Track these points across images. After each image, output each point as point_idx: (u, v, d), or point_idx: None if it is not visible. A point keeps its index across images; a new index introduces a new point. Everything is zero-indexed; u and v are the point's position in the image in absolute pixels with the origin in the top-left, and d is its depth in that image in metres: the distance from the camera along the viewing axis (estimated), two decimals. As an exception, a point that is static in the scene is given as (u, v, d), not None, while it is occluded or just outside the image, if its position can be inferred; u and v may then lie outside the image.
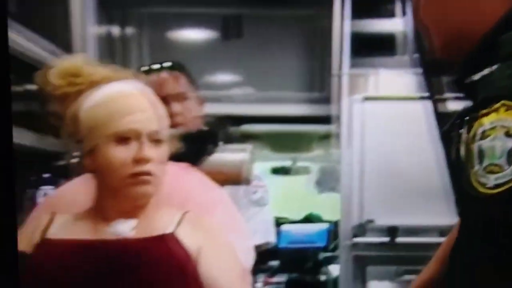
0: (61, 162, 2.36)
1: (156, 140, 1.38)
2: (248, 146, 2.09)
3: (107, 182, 1.39)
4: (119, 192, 1.38)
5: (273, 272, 4.11)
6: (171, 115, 2.18)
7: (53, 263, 1.35)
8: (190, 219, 1.42)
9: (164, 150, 1.40)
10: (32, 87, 2.40)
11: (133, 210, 1.39)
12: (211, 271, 1.37)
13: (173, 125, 2.01)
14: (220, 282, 1.37)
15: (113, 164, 1.35)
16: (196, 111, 2.26)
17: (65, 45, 2.65)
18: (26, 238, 1.39)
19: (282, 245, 4.16)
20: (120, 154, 1.35)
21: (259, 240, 2.18)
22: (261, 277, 4.05)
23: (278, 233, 4.17)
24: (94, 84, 1.43)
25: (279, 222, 4.31)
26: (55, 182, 2.38)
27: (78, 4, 2.84)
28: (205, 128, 2.19)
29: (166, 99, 2.13)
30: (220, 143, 2.03)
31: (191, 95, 2.23)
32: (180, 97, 2.19)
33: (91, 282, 1.32)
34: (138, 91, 1.43)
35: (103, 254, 1.34)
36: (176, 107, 2.16)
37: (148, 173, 1.35)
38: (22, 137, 2.30)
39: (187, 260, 1.34)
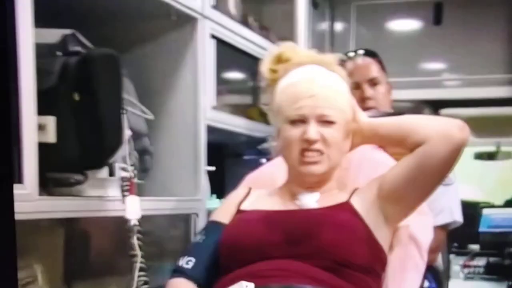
0: (265, 145, 2.53)
1: (327, 122, 1.44)
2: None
3: (287, 161, 1.50)
4: (295, 170, 1.48)
5: (473, 255, 4.08)
6: (364, 99, 2.34)
7: (245, 230, 1.45)
8: (360, 190, 1.51)
9: (336, 131, 1.45)
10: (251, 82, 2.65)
11: (315, 186, 1.50)
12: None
13: (365, 109, 2.14)
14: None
15: (287, 144, 1.46)
16: (387, 96, 2.34)
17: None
18: (226, 210, 1.55)
19: (483, 229, 4.09)
20: (292, 134, 1.44)
21: (445, 219, 2.17)
22: (461, 260, 4.05)
23: (479, 217, 4.12)
24: (288, 70, 1.49)
25: (480, 207, 4.24)
26: (260, 162, 2.50)
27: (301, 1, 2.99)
28: (392, 111, 2.30)
29: (359, 84, 2.30)
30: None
31: (382, 80, 2.32)
32: (372, 82, 2.29)
33: (277, 246, 1.39)
34: (314, 76, 1.46)
35: (291, 221, 1.43)
36: (368, 91, 2.27)
37: (314, 152, 1.43)
38: (239, 125, 2.46)
39: (360, 222, 1.44)
